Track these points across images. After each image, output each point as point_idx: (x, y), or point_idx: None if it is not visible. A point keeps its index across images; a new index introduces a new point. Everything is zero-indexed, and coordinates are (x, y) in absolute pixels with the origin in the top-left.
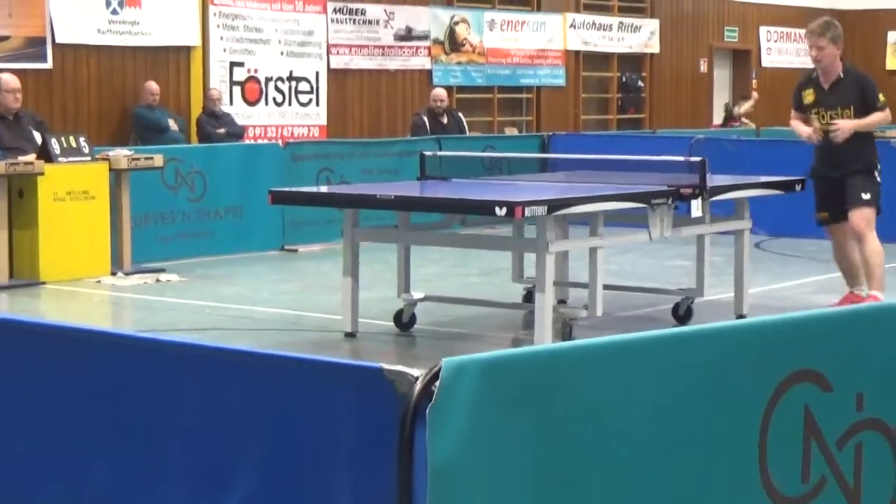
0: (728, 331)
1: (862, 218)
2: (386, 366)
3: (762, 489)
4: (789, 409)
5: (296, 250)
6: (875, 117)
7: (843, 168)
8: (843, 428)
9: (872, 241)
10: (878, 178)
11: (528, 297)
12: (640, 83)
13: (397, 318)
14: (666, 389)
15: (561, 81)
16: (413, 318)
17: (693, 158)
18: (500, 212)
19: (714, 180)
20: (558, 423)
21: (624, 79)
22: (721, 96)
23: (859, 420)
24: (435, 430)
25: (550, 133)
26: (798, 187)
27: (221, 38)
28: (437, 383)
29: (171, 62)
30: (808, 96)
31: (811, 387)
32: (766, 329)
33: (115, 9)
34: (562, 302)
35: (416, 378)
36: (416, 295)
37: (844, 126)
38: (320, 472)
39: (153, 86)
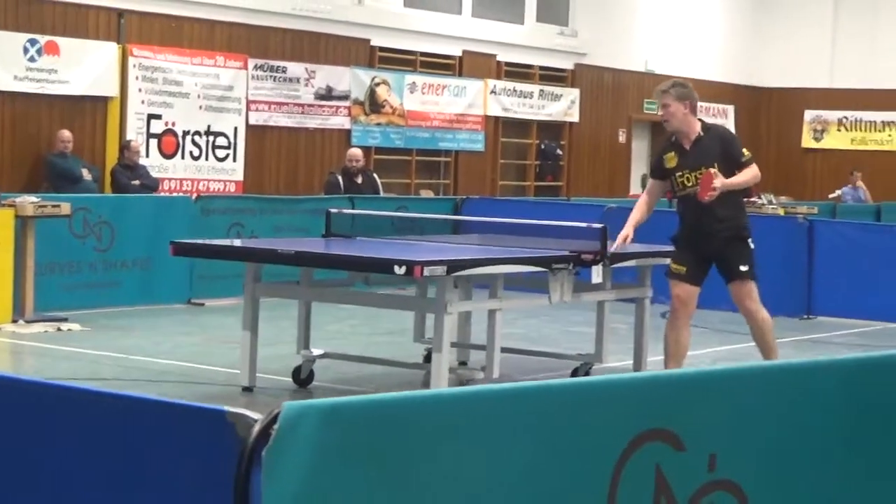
0: (581, 386)
1: (748, 293)
2: (228, 408)
3: None
4: (640, 466)
5: (202, 304)
6: (746, 174)
7: (717, 237)
8: (695, 487)
9: (763, 313)
10: (752, 246)
11: (429, 357)
12: (559, 151)
13: (295, 373)
14: (514, 442)
15: (480, 146)
16: (311, 375)
17: (595, 225)
18: (399, 270)
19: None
20: (400, 474)
21: (543, 146)
22: (639, 167)
23: (711, 480)
24: (270, 474)
25: (464, 196)
26: None
27: (140, 90)
28: (276, 426)
29: (88, 112)
30: (671, 161)
31: (663, 446)
32: (620, 386)
33: (32, 56)
34: (462, 363)
35: (256, 421)
36: (316, 351)
37: (717, 184)
38: None
39: (65, 134)
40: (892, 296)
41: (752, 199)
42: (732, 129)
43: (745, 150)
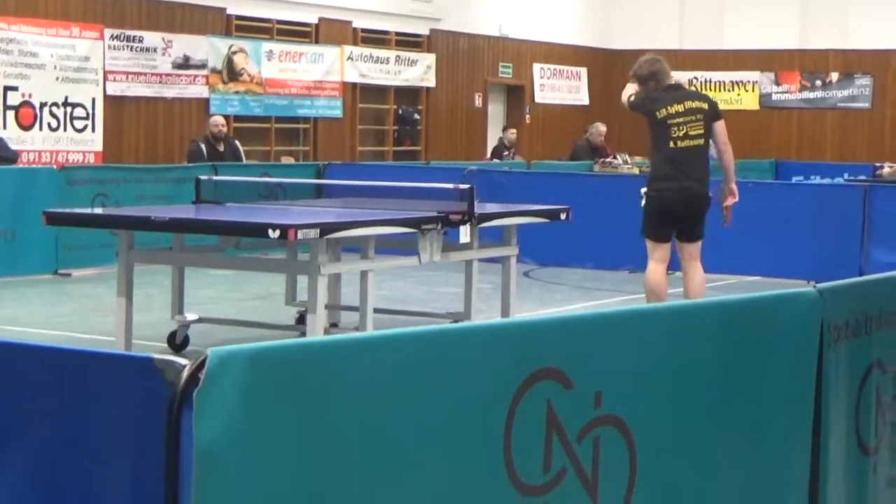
0: (475, 330)
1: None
2: (156, 356)
3: (507, 479)
4: (533, 403)
5: (69, 274)
6: None
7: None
8: (582, 423)
9: (647, 272)
10: (642, 203)
11: (301, 319)
12: (417, 116)
13: (170, 339)
14: (415, 385)
15: (338, 113)
16: (186, 340)
17: (462, 186)
18: (273, 234)
19: (484, 208)
20: (323, 415)
21: (400, 111)
22: (495, 130)
23: (597, 416)
24: (201, 415)
25: (326, 162)
26: (563, 216)
27: None
28: (204, 371)
29: None
30: None
31: (553, 384)
32: (512, 330)
33: None
34: (334, 325)
35: (185, 366)
36: (190, 317)
37: None
38: (93, 462)
39: None
40: (755, 251)
41: (609, 160)
42: (586, 91)
43: (635, 103)
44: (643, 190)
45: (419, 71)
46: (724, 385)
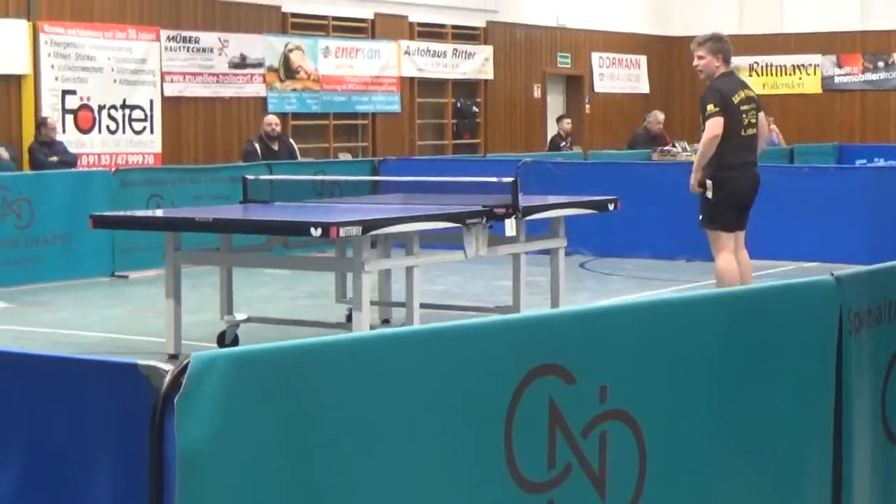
0: (474, 327)
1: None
2: (140, 361)
3: (509, 476)
4: (534, 400)
5: (126, 276)
6: (702, 142)
7: None
8: (588, 418)
9: (718, 260)
10: (708, 194)
11: (351, 316)
12: (475, 109)
13: (220, 339)
14: (412, 383)
15: (396, 108)
16: (236, 339)
17: (506, 179)
18: (315, 232)
19: (532, 201)
20: (308, 417)
21: (459, 104)
22: (555, 121)
23: (603, 411)
24: (183, 419)
25: (382, 158)
26: (611, 206)
27: (53, 67)
28: (185, 376)
29: (1, 91)
30: None
31: (555, 380)
32: (510, 325)
33: None
34: (385, 321)
35: (167, 371)
36: (239, 316)
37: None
38: (79, 466)
39: None
40: (812, 236)
41: (667, 148)
42: (645, 79)
43: (710, 105)
44: (709, 182)
45: (476, 63)
46: (736, 377)
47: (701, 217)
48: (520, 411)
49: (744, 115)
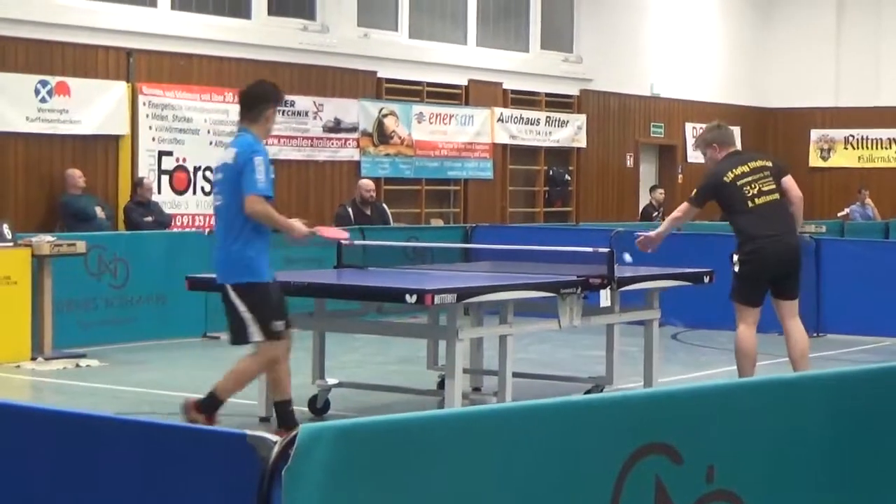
0: (581, 404)
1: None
2: (249, 432)
3: None
4: (640, 479)
5: (217, 337)
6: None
7: None
8: (694, 498)
9: (737, 331)
10: (735, 269)
11: (443, 383)
12: (567, 176)
13: (311, 403)
14: (519, 458)
15: (488, 174)
16: (327, 404)
17: (601, 249)
18: (410, 299)
19: (625, 271)
20: (412, 491)
21: (551, 172)
22: (647, 190)
23: (710, 491)
24: (291, 490)
25: (474, 224)
26: (706, 279)
27: (150, 128)
28: (294, 448)
29: (100, 150)
30: None
31: (662, 459)
32: (618, 403)
33: (44, 97)
34: (476, 390)
35: (276, 443)
36: (331, 381)
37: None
38: None
39: (76, 173)
40: None
41: None
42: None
43: (697, 188)
44: (735, 256)
45: (570, 131)
46: (839, 458)
47: (731, 292)
48: (626, 490)
49: (747, 188)
